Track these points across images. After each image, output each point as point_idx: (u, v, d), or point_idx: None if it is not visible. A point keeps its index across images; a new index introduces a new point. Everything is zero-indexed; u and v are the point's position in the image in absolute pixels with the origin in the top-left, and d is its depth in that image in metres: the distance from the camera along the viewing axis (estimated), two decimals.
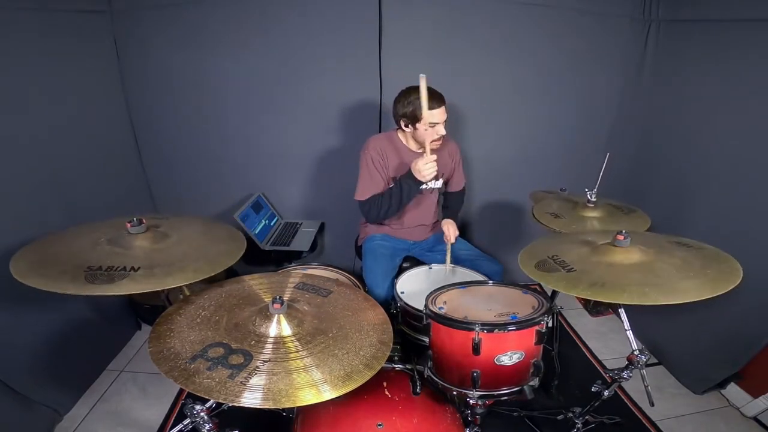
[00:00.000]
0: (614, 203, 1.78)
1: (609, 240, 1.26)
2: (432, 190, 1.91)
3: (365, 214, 1.83)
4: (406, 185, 1.68)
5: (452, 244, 1.84)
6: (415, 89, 1.65)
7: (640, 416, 1.77)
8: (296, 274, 1.37)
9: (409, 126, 1.71)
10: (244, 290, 1.22)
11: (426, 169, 1.59)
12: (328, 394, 0.87)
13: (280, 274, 1.49)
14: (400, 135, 1.82)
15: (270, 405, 0.83)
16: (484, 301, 1.35)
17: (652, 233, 1.45)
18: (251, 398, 0.83)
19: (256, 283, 1.26)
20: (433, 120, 1.63)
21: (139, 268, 1.05)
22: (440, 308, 1.29)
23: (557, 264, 1.23)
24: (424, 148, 1.72)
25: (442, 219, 1.93)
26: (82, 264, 1.05)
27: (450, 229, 1.84)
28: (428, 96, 1.60)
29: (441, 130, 1.67)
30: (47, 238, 1.21)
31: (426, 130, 1.59)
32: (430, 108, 1.61)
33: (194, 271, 1.08)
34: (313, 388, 0.87)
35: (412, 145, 1.80)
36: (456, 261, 1.84)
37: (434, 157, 1.61)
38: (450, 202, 2.06)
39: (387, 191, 1.75)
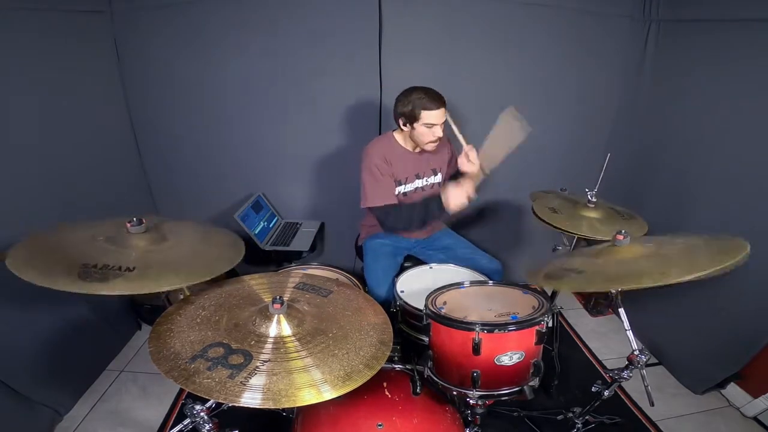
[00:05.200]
0: (614, 207, 1.77)
1: (608, 243, 1.26)
2: (432, 185, 1.91)
3: (381, 221, 1.79)
4: (432, 208, 1.70)
5: (452, 239, 1.84)
6: (416, 89, 1.66)
7: (640, 416, 1.77)
8: (296, 274, 1.37)
9: (407, 125, 1.71)
10: (244, 290, 1.22)
11: (454, 198, 1.64)
12: (328, 394, 0.87)
13: (280, 274, 1.49)
14: (396, 136, 1.82)
15: (270, 405, 0.83)
16: (484, 301, 1.35)
17: (649, 237, 1.45)
18: (251, 398, 0.83)
19: (256, 283, 1.26)
20: (430, 121, 1.64)
21: (134, 268, 1.04)
22: (440, 308, 1.30)
23: (566, 271, 1.22)
24: (421, 149, 1.73)
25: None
26: (77, 260, 1.03)
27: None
28: (427, 96, 1.61)
29: (438, 132, 1.67)
30: (46, 231, 1.19)
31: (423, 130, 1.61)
32: (429, 108, 1.61)
33: (188, 275, 1.07)
34: (313, 388, 0.87)
35: (409, 146, 1.81)
36: (456, 260, 1.84)
37: (470, 188, 1.65)
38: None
39: (408, 206, 1.76)
